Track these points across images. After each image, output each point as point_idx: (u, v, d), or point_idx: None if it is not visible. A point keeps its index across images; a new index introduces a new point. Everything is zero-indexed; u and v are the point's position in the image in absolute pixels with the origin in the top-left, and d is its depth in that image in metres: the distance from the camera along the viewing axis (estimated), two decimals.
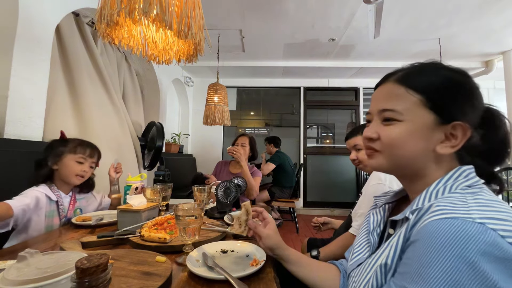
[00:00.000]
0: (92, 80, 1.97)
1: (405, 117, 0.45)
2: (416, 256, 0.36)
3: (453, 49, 3.03)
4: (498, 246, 0.31)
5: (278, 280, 0.60)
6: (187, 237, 0.65)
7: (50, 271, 0.47)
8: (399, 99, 0.46)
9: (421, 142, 0.45)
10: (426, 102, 0.44)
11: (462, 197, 0.39)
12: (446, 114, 0.44)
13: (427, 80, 0.46)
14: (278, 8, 2.31)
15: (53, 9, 1.52)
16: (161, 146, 2.41)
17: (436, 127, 0.44)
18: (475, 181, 0.42)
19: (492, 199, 0.38)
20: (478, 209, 0.35)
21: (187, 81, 3.91)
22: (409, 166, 0.47)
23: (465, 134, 0.43)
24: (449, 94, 0.44)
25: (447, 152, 0.44)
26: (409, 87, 0.46)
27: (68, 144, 1.11)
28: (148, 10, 0.77)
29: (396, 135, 0.46)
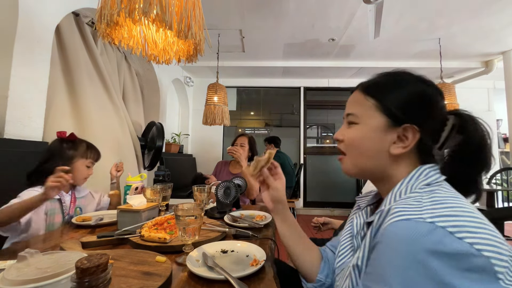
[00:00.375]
0: (92, 80, 1.97)
1: (361, 120, 0.51)
2: (377, 257, 0.38)
3: (453, 49, 3.03)
4: (446, 243, 0.32)
5: (278, 280, 0.60)
6: (187, 237, 0.65)
7: (50, 271, 0.47)
8: (359, 104, 0.52)
9: (375, 142, 0.49)
10: (379, 106, 0.49)
11: (419, 197, 0.41)
12: (397, 117, 0.47)
13: (382, 87, 0.51)
14: (278, 8, 2.31)
15: (53, 9, 1.52)
16: (161, 146, 2.41)
17: (389, 129, 0.48)
18: (435, 179, 0.44)
19: (447, 196, 0.39)
20: (431, 208, 0.37)
21: (187, 81, 3.91)
22: (369, 167, 0.51)
23: (414, 136, 0.46)
24: (400, 99, 0.48)
25: (399, 152, 0.47)
26: (367, 93, 0.51)
27: (78, 147, 1.11)
28: (148, 10, 0.77)
29: (354, 136, 0.51)
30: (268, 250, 0.74)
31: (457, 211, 0.36)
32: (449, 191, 0.41)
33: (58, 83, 1.71)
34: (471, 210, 0.37)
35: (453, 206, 0.36)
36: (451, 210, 0.36)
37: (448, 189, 0.42)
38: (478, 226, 0.34)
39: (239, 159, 1.75)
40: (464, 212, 0.36)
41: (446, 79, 3.79)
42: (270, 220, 1.07)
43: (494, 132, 3.99)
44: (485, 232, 0.33)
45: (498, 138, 4.07)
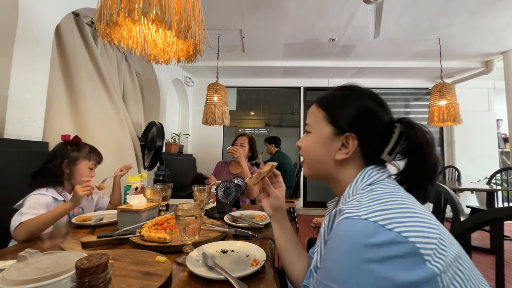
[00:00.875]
0: (91, 80, 1.97)
1: (313, 129, 0.58)
2: (325, 252, 0.43)
3: (453, 49, 3.03)
4: (377, 235, 0.36)
5: (278, 280, 0.60)
6: (187, 237, 0.65)
7: (50, 271, 0.47)
8: (313, 115, 0.59)
9: (323, 149, 0.56)
10: (327, 117, 0.56)
11: (359, 197, 0.46)
12: (340, 127, 0.53)
13: (331, 100, 0.58)
14: (278, 8, 2.31)
15: (53, 9, 1.52)
16: (161, 146, 2.41)
17: (334, 138, 0.54)
18: (376, 178, 0.49)
19: (384, 192, 0.44)
20: (367, 206, 0.41)
21: (187, 81, 3.91)
22: (320, 171, 0.57)
23: (354, 143, 0.52)
24: (344, 111, 0.54)
25: (341, 158, 0.53)
26: (319, 105, 0.59)
27: (81, 150, 1.13)
28: (148, 10, 0.77)
29: (307, 143, 0.59)
30: (268, 250, 0.74)
31: (389, 205, 0.40)
32: (387, 187, 0.46)
33: (58, 83, 1.71)
34: (403, 202, 0.41)
35: (386, 201, 0.41)
36: (384, 205, 0.40)
37: (387, 185, 0.47)
38: (407, 216, 0.38)
39: (239, 159, 1.75)
40: (395, 205, 0.40)
41: (446, 79, 3.80)
42: (270, 220, 1.07)
43: (494, 132, 3.99)
44: (413, 221, 0.37)
45: (498, 138, 4.06)
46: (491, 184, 3.25)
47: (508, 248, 2.59)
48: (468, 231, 0.68)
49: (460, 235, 0.69)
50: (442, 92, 2.78)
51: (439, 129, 4.12)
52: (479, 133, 3.94)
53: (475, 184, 3.27)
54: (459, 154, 3.93)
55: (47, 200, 0.99)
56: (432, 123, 2.89)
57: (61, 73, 1.76)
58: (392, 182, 0.49)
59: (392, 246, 0.35)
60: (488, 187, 2.84)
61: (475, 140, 3.94)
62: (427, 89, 4.08)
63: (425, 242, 0.35)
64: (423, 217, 0.38)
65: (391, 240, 0.35)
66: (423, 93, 4.17)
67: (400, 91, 4.19)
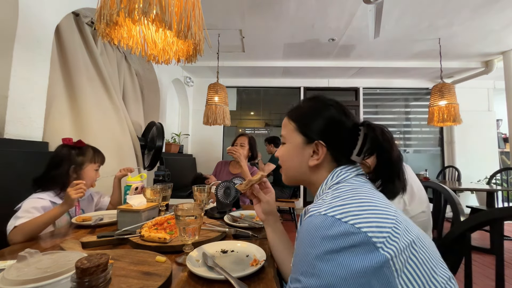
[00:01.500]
0: (91, 80, 1.97)
1: (287, 140, 0.63)
2: (295, 249, 0.47)
3: (453, 49, 3.03)
4: (333, 228, 0.39)
5: (278, 280, 0.60)
6: (187, 237, 0.65)
7: (50, 271, 0.47)
8: (285, 127, 0.64)
9: (297, 157, 0.60)
10: (297, 128, 0.60)
11: (325, 195, 0.50)
12: (309, 136, 0.58)
13: (299, 112, 0.62)
14: (278, 8, 2.31)
15: (53, 9, 1.51)
16: (161, 146, 2.41)
17: (305, 146, 0.59)
18: (343, 178, 0.53)
19: (346, 189, 0.48)
20: (329, 203, 0.44)
21: (187, 81, 3.91)
22: (297, 177, 0.62)
23: (323, 150, 0.56)
24: (312, 122, 0.59)
25: (313, 164, 0.57)
26: (290, 117, 0.63)
27: (86, 153, 1.14)
28: (148, 10, 0.77)
29: (282, 152, 0.64)
30: (268, 250, 0.74)
31: (348, 201, 0.43)
32: (351, 184, 0.50)
33: (57, 83, 1.71)
34: (363, 196, 0.45)
35: (346, 197, 0.45)
36: (343, 201, 0.44)
37: (352, 183, 0.51)
38: (362, 209, 0.41)
39: (238, 159, 1.75)
40: (354, 200, 0.43)
41: (446, 79, 3.80)
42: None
43: (494, 132, 3.99)
44: (368, 213, 0.41)
45: (498, 138, 4.06)
46: (491, 184, 3.25)
47: (508, 248, 2.59)
48: (468, 231, 0.68)
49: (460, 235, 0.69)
50: (442, 92, 2.78)
51: (439, 129, 4.12)
52: (479, 133, 3.94)
53: (475, 184, 3.27)
54: (459, 154, 3.93)
55: (44, 204, 0.98)
56: (432, 123, 2.89)
57: (60, 73, 1.76)
58: (358, 179, 0.52)
59: (347, 237, 0.38)
60: (488, 187, 2.84)
61: (475, 140, 3.94)
62: (427, 89, 4.08)
63: (378, 231, 0.38)
64: (378, 209, 0.42)
65: (345, 232, 0.39)
66: (423, 93, 4.17)
67: (400, 91, 4.19)
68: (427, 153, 4.18)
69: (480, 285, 1.81)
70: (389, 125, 4.21)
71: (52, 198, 1.03)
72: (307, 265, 0.40)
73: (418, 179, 1.24)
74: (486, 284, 1.82)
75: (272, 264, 0.68)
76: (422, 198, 1.19)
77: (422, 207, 1.18)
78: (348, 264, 0.37)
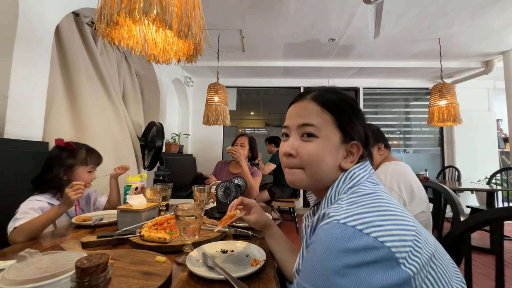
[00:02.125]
0: (91, 81, 1.97)
1: (321, 133, 0.51)
2: (306, 256, 0.42)
3: (453, 49, 3.03)
4: (355, 240, 0.36)
5: (278, 280, 0.60)
6: (187, 237, 0.65)
7: (50, 271, 0.47)
8: (316, 115, 0.52)
9: (332, 157, 0.51)
10: (337, 122, 0.52)
11: (340, 200, 0.46)
12: (348, 134, 0.52)
13: (337, 104, 0.53)
14: (278, 8, 2.31)
15: (53, 9, 1.51)
16: (161, 146, 2.41)
17: (341, 145, 0.52)
18: (357, 180, 0.49)
19: (363, 194, 0.44)
20: (346, 210, 0.40)
21: (187, 81, 3.91)
22: (323, 180, 0.52)
23: (358, 152, 0.52)
24: (351, 118, 0.53)
25: (349, 167, 0.51)
26: (324, 107, 0.52)
27: (77, 155, 1.10)
28: (149, 10, 0.77)
29: (315, 151, 0.51)
30: (268, 250, 0.74)
31: (368, 208, 0.40)
32: (367, 189, 0.46)
33: (57, 83, 1.71)
34: (382, 204, 0.41)
35: (365, 204, 0.41)
36: (362, 208, 0.40)
37: (367, 186, 0.47)
38: (384, 219, 0.38)
39: (238, 159, 1.75)
40: (374, 208, 0.40)
41: (446, 79, 3.80)
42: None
43: (494, 132, 3.99)
44: (389, 223, 0.37)
45: (498, 138, 4.06)
46: (491, 184, 3.25)
47: (508, 248, 2.59)
48: (468, 231, 0.68)
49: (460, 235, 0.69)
50: (442, 92, 2.78)
51: (439, 129, 4.13)
52: (479, 133, 3.94)
53: (475, 184, 3.27)
54: (459, 154, 3.93)
55: (42, 205, 0.98)
56: (432, 123, 2.89)
57: (60, 73, 1.76)
58: (372, 180, 0.49)
59: (369, 252, 0.35)
60: (488, 187, 2.84)
61: (475, 140, 3.94)
62: (427, 89, 4.08)
63: (400, 246, 0.35)
64: (399, 219, 0.38)
65: (367, 246, 0.35)
66: (423, 93, 4.17)
67: (400, 91, 4.19)
68: (427, 153, 4.18)
69: (480, 285, 1.81)
70: (389, 125, 4.22)
71: (50, 200, 1.02)
72: (321, 278, 0.37)
73: (418, 179, 1.24)
74: (486, 284, 1.82)
75: (272, 264, 0.68)
76: (422, 198, 1.19)
77: (422, 207, 1.18)
78: (367, 280, 0.34)
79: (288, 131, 0.56)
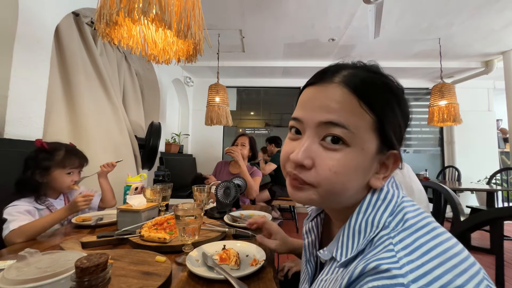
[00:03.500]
0: (90, 81, 1.97)
1: (354, 141, 0.34)
2: None
3: (453, 49, 3.03)
4: None
5: (278, 280, 0.60)
6: (187, 237, 0.65)
7: (50, 270, 0.47)
8: (352, 113, 0.34)
9: (363, 175, 0.36)
10: (377, 124, 0.35)
11: (386, 238, 0.31)
12: (388, 141, 0.36)
13: (384, 98, 0.36)
14: (278, 8, 2.31)
15: (53, 9, 1.51)
16: (156, 145, 2.38)
17: (376, 156, 0.36)
18: (394, 204, 0.35)
19: (416, 229, 0.31)
20: (407, 261, 0.27)
21: (187, 81, 3.91)
22: (342, 203, 0.38)
23: (395, 164, 0.37)
24: (397, 118, 0.36)
25: (381, 185, 0.37)
26: (365, 101, 0.34)
27: (54, 156, 1.03)
28: (147, 10, 0.77)
29: (342, 168, 0.34)
30: (268, 250, 0.74)
31: (434, 256, 0.28)
32: (415, 217, 0.33)
33: (55, 83, 1.71)
34: (447, 246, 0.29)
35: (428, 249, 0.28)
36: (427, 256, 0.28)
37: (411, 211, 0.34)
38: (455, 274, 0.26)
39: (237, 158, 1.75)
40: (441, 254, 0.28)
41: (446, 79, 3.79)
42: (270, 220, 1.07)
43: (494, 132, 3.99)
44: (462, 280, 0.26)
45: (498, 138, 4.06)
46: (491, 184, 3.25)
47: (508, 248, 2.59)
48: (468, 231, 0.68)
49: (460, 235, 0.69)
50: (442, 92, 2.78)
51: (439, 129, 4.13)
52: (479, 133, 3.94)
53: (475, 184, 3.27)
54: (459, 154, 3.93)
55: (27, 208, 0.95)
56: (432, 123, 2.89)
57: (58, 73, 1.76)
58: (406, 196, 0.37)
59: None
60: (488, 187, 2.84)
61: (475, 140, 3.94)
62: (427, 89, 4.07)
63: None
64: (469, 267, 0.27)
65: None
66: (423, 93, 4.17)
67: None
68: (427, 153, 4.18)
69: None
70: None
71: (30, 204, 0.97)
72: None
73: (418, 179, 1.24)
74: None
75: (272, 264, 0.68)
76: (422, 198, 1.19)
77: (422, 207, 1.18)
78: None
79: (301, 127, 0.38)
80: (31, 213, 0.96)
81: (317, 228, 0.48)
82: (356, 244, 0.34)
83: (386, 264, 0.27)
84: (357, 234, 0.34)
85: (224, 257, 0.65)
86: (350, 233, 0.35)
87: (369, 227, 0.34)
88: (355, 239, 0.34)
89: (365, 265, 0.29)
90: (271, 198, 3.06)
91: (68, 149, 1.10)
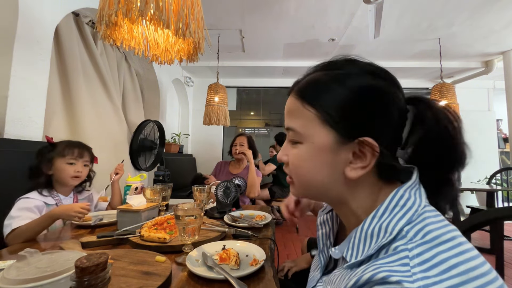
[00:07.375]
0: (89, 81, 1.97)
1: (304, 138, 0.38)
2: None
3: (453, 49, 3.03)
4: None
5: (277, 280, 0.60)
6: (187, 237, 0.65)
7: (50, 270, 0.47)
8: (297, 115, 0.39)
9: (325, 167, 0.37)
10: (323, 117, 0.36)
11: (402, 250, 0.29)
12: (347, 130, 0.35)
13: (322, 89, 0.38)
14: (278, 8, 2.31)
15: (53, 9, 1.51)
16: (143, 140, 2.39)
17: (341, 147, 0.36)
18: (414, 212, 0.32)
19: (436, 243, 0.28)
20: (422, 277, 0.25)
21: (187, 81, 3.91)
22: (321, 194, 0.40)
23: (374, 152, 0.34)
24: (346, 104, 0.36)
25: (357, 176, 0.35)
26: (304, 99, 0.38)
27: (56, 148, 1.09)
28: (145, 9, 0.77)
29: (297, 159, 0.39)
30: (268, 250, 0.74)
31: (460, 277, 0.25)
32: (436, 230, 0.29)
33: (54, 83, 1.71)
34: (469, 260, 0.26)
35: (452, 266, 0.26)
36: (450, 275, 0.25)
37: (432, 222, 0.31)
38: None
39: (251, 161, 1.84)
40: (468, 274, 0.25)
41: (446, 79, 3.79)
42: (269, 220, 1.07)
43: (494, 132, 3.99)
44: None
45: (498, 138, 4.06)
46: (491, 184, 3.24)
47: (508, 248, 2.59)
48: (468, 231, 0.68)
49: None
50: (442, 92, 2.78)
51: None
52: (479, 133, 3.94)
53: (475, 184, 3.27)
54: None
55: (37, 204, 0.98)
56: None
57: (58, 73, 1.76)
58: (429, 206, 0.34)
59: None
60: (488, 187, 2.84)
61: (475, 140, 3.94)
62: (427, 89, 4.07)
63: None
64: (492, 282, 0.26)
65: None
66: (423, 93, 4.17)
67: None
68: None
69: None
70: None
71: (43, 199, 1.01)
72: None
73: None
74: None
75: (271, 264, 0.68)
76: None
77: None
78: None
79: None
80: (39, 209, 0.97)
81: (332, 221, 0.48)
82: (368, 248, 0.33)
83: (398, 276, 0.26)
84: (369, 238, 0.33)
85: (224, 257, 0.65)
86: (362, 236, 0.34)
87: (382, 233, 0.32)
88: (367, 243, 0.34)
89: (374, 274, 0.28)
90: (271, 198, 3.06)
91: (71, 142, 1.15)
